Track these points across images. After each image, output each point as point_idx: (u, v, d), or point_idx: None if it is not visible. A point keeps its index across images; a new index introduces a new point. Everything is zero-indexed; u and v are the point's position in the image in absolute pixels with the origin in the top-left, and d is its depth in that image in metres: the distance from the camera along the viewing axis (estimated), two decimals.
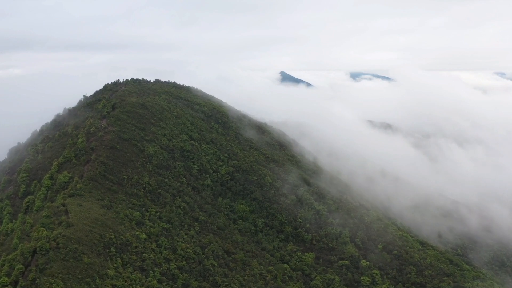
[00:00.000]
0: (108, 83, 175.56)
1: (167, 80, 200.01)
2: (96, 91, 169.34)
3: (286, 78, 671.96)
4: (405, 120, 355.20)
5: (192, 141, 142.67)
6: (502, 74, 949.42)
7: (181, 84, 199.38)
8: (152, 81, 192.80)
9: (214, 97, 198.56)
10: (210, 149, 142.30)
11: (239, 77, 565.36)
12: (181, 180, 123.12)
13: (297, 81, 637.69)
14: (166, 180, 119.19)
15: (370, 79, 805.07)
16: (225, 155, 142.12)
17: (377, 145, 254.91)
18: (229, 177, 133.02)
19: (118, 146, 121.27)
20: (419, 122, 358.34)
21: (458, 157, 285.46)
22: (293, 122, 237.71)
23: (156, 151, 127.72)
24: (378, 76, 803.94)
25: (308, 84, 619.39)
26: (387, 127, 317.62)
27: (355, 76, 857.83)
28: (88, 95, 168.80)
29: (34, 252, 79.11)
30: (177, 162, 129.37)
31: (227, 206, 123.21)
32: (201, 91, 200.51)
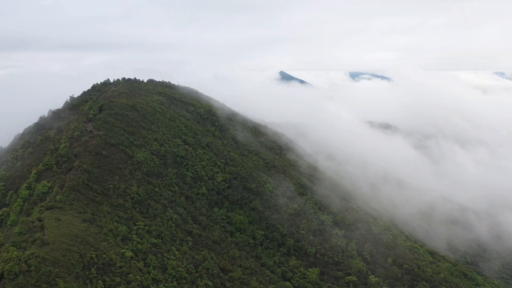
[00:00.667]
0: (96, 83, 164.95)
1: (166, 81, 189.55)
2: (84, 92, 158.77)
3: (285, 78, 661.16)
4: (405, 121, 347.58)
5: (186, 146, 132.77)
6: (502, 74, 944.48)
7: (177, 84, 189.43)
8: (145, 81, 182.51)
9: (210, 98, 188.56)
10: (205, 155, 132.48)
11: (239, 77, 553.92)
12: (173, 189, 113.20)
13: (296, 81, 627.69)
14: (157, 189, 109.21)
15: (369, 79, 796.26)
16: (221, 160, 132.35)
17: (377, 146, 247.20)
18: (226, 185, 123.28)
19: (104, 152, 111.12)
20: (419, 122, 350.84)
21: (460, 158, 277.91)
22: (293, 123, 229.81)
23: (146, 157, 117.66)
24: (377, 76, 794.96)
25: (308, 84, 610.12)
26: (386, 127, 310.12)
27: (354, 76, 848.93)
28: (77, 95, 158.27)
29: (2, 276, 69.01)
30: (169, 169, 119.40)
31: (223, 217, 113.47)
32: (196, 91, 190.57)
